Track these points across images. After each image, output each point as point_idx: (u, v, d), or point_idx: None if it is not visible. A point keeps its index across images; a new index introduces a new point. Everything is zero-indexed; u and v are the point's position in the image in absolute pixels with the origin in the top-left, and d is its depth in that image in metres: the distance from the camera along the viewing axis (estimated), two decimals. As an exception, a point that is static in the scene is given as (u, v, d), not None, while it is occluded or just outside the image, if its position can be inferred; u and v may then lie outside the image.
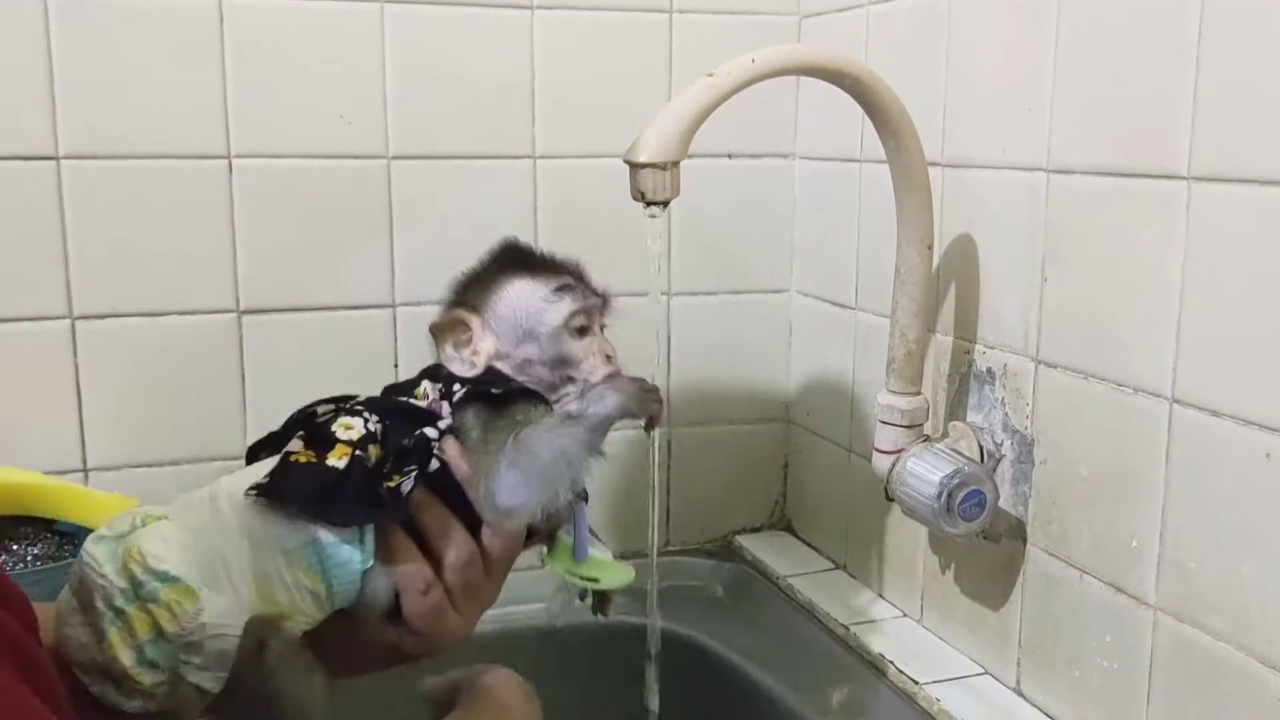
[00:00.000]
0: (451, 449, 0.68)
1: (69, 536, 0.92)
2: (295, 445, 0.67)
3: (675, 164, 0.75)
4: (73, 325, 1.05)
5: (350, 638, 0.70)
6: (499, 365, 0.73)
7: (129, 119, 1.04)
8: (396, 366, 1.15)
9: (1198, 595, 0.75)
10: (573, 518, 0.75)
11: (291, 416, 0.71)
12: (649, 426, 0.76)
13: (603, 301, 0.75)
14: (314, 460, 0.66)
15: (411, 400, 0.72)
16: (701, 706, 1.05)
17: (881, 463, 0.93)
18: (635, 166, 0.75)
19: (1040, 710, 0.90)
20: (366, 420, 0.68)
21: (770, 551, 1.23)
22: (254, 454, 0.71)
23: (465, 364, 0.73)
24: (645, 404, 0.73)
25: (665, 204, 0.75)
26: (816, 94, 1.17)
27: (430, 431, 0.69)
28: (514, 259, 0.76)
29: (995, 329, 0.93)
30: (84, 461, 1.07)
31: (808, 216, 1.22)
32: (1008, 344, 0.91)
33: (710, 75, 0.77)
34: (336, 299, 1.12)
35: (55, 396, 1.06)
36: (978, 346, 0.95)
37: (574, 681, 1.12)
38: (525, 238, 0.80)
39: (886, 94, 0.83)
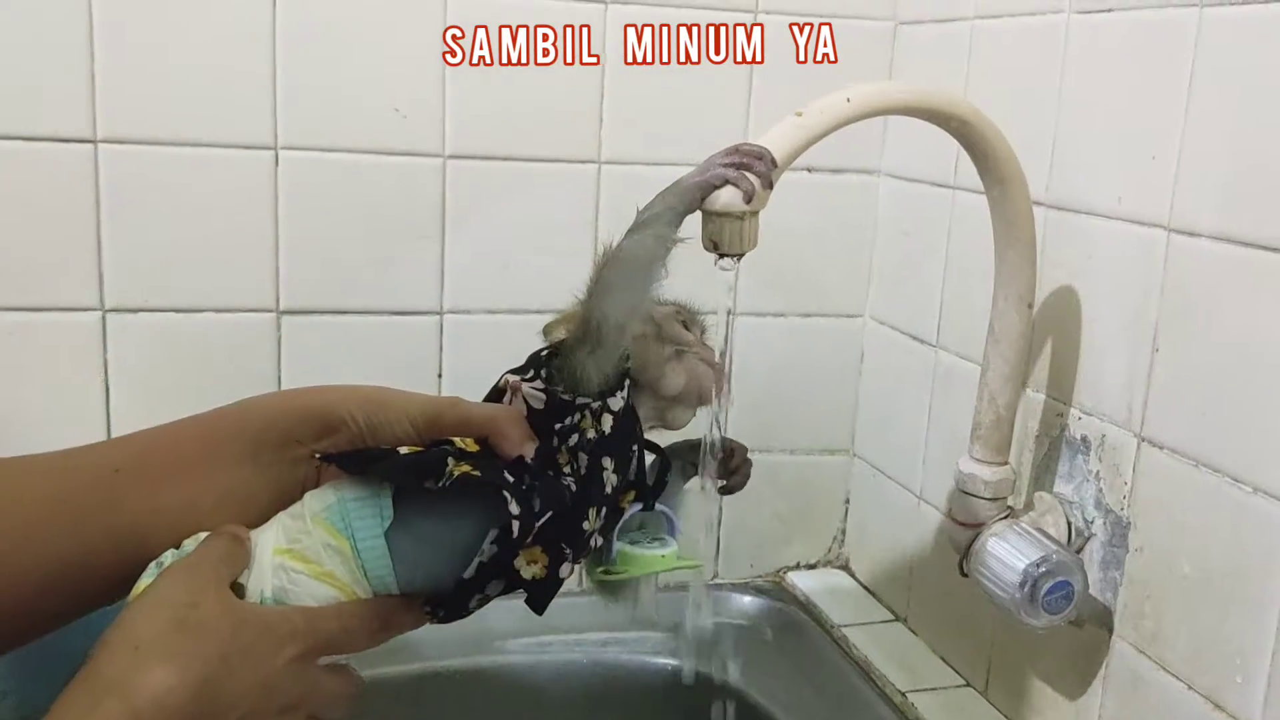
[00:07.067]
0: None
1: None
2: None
3: (755, 214, 0.67)
4: (104, 318, 1.00)
5: None
6: None
7: (170, 102, 0.97)
8: (440, 376, 1.08)
9: (1313, 731, 0.67)
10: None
11: None
12: None
13: None
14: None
15: None
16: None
17: (959, 535, 0.85)
18: (710, 214, 0.67)
19: (1115, 819, 0.82)
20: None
21: (825, 593, 1.15)
22: None
23: None
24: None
25: (739, 256, 0.67)
26: (909, 108, 1.07)
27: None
28: None
29: (1094, 394, 0.84)
30: (110, 461, 1.02)
31: (890, 240, 1.13)
32: (1107, 413, 0.83)
33: (799, 115, 0.68)
34: (381, 303, 1.06)
35: (83, 392, 1.00)
36: (1072, 410, 0.86)
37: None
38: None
39: (995, 138, 0.74)
